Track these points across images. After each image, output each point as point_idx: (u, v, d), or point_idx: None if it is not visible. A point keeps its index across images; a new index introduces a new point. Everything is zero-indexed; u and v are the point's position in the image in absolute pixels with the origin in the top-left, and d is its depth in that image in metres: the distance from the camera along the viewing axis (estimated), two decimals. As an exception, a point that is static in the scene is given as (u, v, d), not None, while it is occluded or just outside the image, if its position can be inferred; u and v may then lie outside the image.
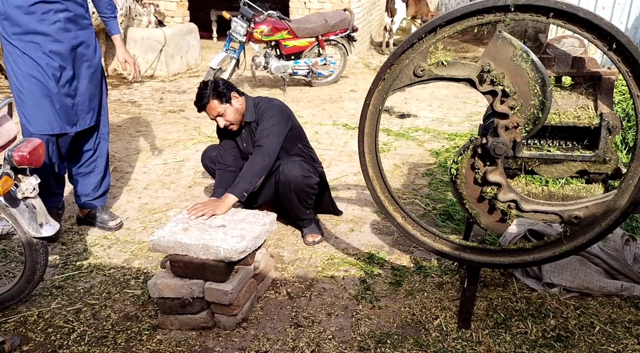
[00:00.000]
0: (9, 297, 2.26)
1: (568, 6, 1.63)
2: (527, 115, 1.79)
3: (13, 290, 2.25)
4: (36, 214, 2.12)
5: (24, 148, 2.01)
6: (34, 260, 2.18)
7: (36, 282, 2.25)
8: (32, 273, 2.20)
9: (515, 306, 2.29)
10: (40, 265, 2.20)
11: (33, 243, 2.15)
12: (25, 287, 2.24)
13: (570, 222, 1.92)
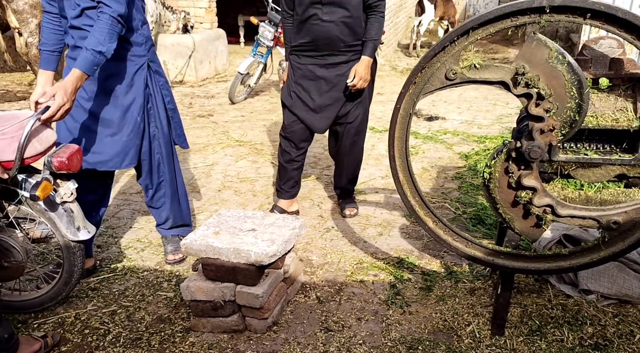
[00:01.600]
0: (48, 299, 2.32)
1: (606, 6, 1.59)
2: (563, 118, 1.75)
3: (51, 292, 2.31)
4: (74, 218, 2.17)
5: (62, 154, 2.06)
6: (71, 262, 2.24)
7: (73, 284, 2.30)
8: (70, 275, 2.26)
9: (550, 313, 2.24)
10: (77, 267, 2.26)
11: (70, 247, 2.21)
12: (63, 289, 2.30)
13: (608, 227, 1.87)
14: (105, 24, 2.12)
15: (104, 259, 2.82)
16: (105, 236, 3.08)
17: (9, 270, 2.16)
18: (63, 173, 2.09)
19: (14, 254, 2.15)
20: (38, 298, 2.32)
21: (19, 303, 2.33)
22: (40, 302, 2.33)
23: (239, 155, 4.45)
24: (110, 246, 2.96)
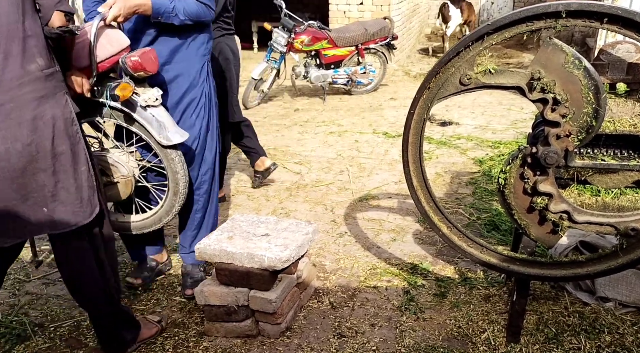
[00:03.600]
0: (164, 213, 2.32)
1: (623, 11, 1.57)
2: (579, 123, 1.73)
3: (165, 205, 2.30)
4: (164, 122, 2.13)
5: (135, 54, 2.03)
6: (173, 170, 2.21)
7: (182, 194, 2.27)
8: (176, 184, 2.23)
9: (567, 320, 2.21)
10: (180, 174, 2.22)
11: (168, 153, 2.18)
12: (174, 200, 2.28)
13: (626, 234, 1.84)
14: (203, 4, 2.19)
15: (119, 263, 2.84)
16: (120, 241, 3.11)
17: (121, 186, 2.18)
18: (142, 76, 2.07)
19: (120, 169, 2.18)
20: (155, 214, 2.35)
21: (139, 222, 2.38)
22: (158, 218, 2.35)
23: (252, 160, 4.47)
24: (124, 251, 2.99)
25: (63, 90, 1.75)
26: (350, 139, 5.05)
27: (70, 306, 2.48)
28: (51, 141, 1.68)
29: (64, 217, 1.75)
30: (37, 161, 1.66)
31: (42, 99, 1.66)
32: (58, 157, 1.70)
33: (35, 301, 2.54)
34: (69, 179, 1.74)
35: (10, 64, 1.59)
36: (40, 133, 1.65)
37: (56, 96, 1.71)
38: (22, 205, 1.70)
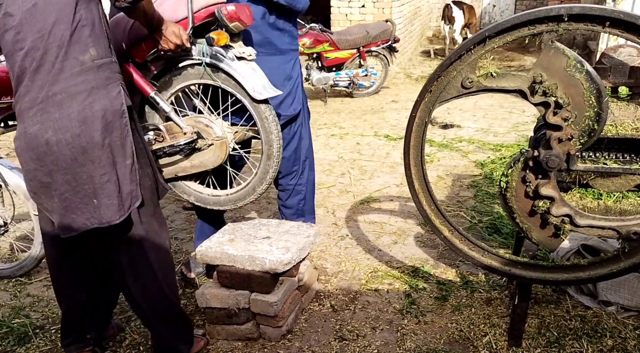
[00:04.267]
0: (257, 181, 2.25)
1: (625, 15, 1.57)
2: (581, 127, 1.73)
3: (259, 171, 2.23)
4: (257, 76, 2.08)
5: (231, 4, 2.01)
6: (267, 130, 2.12)
7: (276, 158, 2.17)
8: (269, 146, 2.14)
9: (569, 324, 2.20)
10: (274, 135, 2.13)
11: (261, 111, 2.09)
12: (268, 165, 2.18)
13: (628, 238, 1.83)
14: None
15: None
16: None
17: (215, 149, 2.15)
18: (238, 27, 2.03)
19: (215, 130, 2.15)
20: (248, 184, 2.26)
21: (233, 195, 2.30)
22: (252, 188, 2.26)
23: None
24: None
25: (116, 81, 1.74)
26: (351, 141, 5.06)
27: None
28: (100, 133, 1.67)
29: (108, 211, 1.73)
30: (86, 152, 1.66)
31: (93, 90, 1.66)
32: (106, 149, 1.70)
33: (36, 303, 2.54)
34: (113, 171, 1.73)
35: (62, 54, 1.60)
36: (89, 124, 1.65)
37: (108, 87, 1.70)
38: (73, 197, 1.70)
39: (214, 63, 2.05)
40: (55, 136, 1.63)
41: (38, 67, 1.60)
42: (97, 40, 1.67)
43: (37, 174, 1.69)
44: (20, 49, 1.59)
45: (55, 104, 1.62)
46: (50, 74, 1.60)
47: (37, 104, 1.62)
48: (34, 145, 1.64)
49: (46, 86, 1.61)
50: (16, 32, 1.57)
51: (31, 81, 1.61)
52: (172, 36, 1.93)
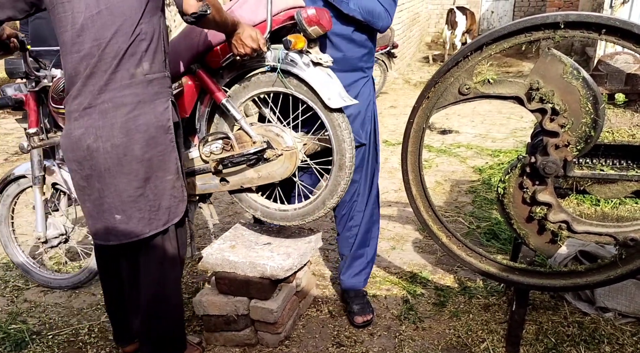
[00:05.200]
0: (328, 194, 2.07)
1: (622, 22, 1.58)
2: (578, 133, 1.73)
3: (330, 183, 2.07)
4: (333, 83, 1.97)
5: (311, 8, 1.94)
6: (339, 139, 1.98)
7: (349, 168, 2.02)
8: (342, 156, 2.00)
9: (566, 331, 2.20)
10: (347, 144, 1.98)
11: (334, 118, 1.96)
12: (339, 176, 2.03)
13: (625, 244, 1.84)
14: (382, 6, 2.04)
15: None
16: (120, 248, 3.11)
17: (285, 159, 2.05)
18: (316, 32, 1.94)
19: (286, 140, 2.04)
20: (318, 197, 2.10)
21: (302, 209, 2.15)
22: (322, 201, 2.09)
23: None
24: (124, 258, 2.99)
25: (166, 97, 1.74)
26: (350, 147, 5.06)
27: (68, 314, 2.47)
28: (140, 146, 1.67)
29: (138, 225, 1.73)
30: (121, 164, 1.66)
31: (139, 104, 1.67)
32: (144, 163, 1.69)
33: (33, 309, 2.54)
34: (151, 186, 1.72)
35: (115, 65, 1.62)
36: (130, 137, 1.66)
37: (155, 102, 1.71)
38: (99, 207, 1.71)
39: (288, 69, 1.95)
40: (95, 143, 1.64)
41: (91, 73, 1.62)
42: (153, 54, 1.68)
43: (75, 176, 1.72)
44: (76, 51, 1.61)
45: (101, 112, 1.64)
46: (100, 83, 1.62)
47: (84, 109, 1.64)
48: (76, 148, 1.67)
49: (95, 93, 1.63)
50: (76, 35, 1.60)
51: (83, 85, 1.63)
52: (248, 40, 1.85)
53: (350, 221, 2.35)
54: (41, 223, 2.51)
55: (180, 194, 1.80)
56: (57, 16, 1.61)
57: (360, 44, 2.13)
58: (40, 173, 2.46)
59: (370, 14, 2.04)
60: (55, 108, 2.39)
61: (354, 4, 2.02)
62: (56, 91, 2.35)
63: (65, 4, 1.58)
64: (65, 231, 2.59)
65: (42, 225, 2.51)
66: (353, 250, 2.39)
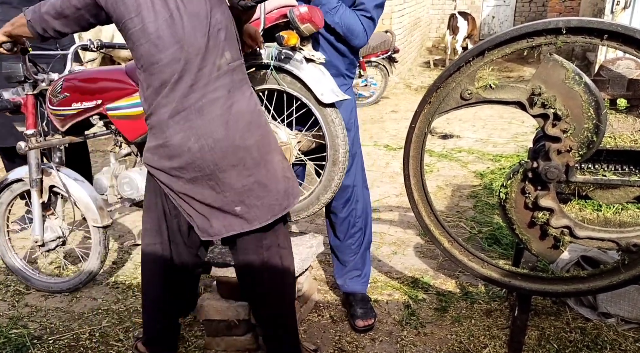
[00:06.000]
0: (322, 189, 2.13)
1: (623, 27, 1.58)
2: (580, 138, 1.73)
3: (324, 179, 2.11)
4: (325, 79, 2.01)
5: (303, 6, 1.96)
6: (332, 134, 2.04)
7: (342, 163, 2.07)
8: (335, 151, 2.05)
9: (569, 336, 2.19)
10: (340, 139, 2.04)
11: (327, 114, 2.02)
12: (333, 171, 2.09)
13: (628, 250, 1.83)
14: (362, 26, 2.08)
15: (118, 275, 2.84)
16: (121, 252, 3.11)
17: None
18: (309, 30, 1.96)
19: (280, 135, 2.07)
20: (312, 193, 2.15)
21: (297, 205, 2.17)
22: (316, 197, 2.14)
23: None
24: (125, 263, 2.99)
25: (248, 82, 1.74)
26: (351, 151, 5.06)
27: (69, 318, 2.47)
28: (240, 134, 1.66)
29: (260, 212, 1.71)
30: (227, 157, 1.65)
31: (230, 93, 1.66)
32: (250, 149, 1.68)
33: (34, 313, 2.53)
34: (262, 172, 1.71)
35: (200, 61, 1.60)
36: (230, 127, 1.64)
37: (242, 88, 1.70)
38: (215, 203, 1.69)
39: (281, 66, 1.99)
40: (197, 143, 1.62)
41: (180, 78, 1.59)
42: (231, 42, 1.67)
43: (178, 182, 1.69)
44: (157, 61, 1.59)
45: (196, 111, 1.62)
46: (188, 82, 1.60)
47: (178, 113, 1.62)
48: (176, 154, 1.64)
49: (185, 94, 1.60)
50: (154, 45, 1.58)
51: (171, 91, 1.60)
52: (248, 39, 1.88)
53: (353, 228, 2.36)
54: (39, 227, 2.51)
55: (291, 174, 1.79)
56: (129, 32, 1.60)
57: (342, 53, 2.17)
58: (38, 176, 2.46)
59: (350, 31, 2.08)
60: (52, 110, 2.42)
61: (338, 18, 2.06)
62: (54, 93, 2.38)
63: (134, 18, 1.57)
64: (62, 234, 2.59)
65: (40, 228, 2.52)
66: (359, 255, 2.40)
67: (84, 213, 2.50)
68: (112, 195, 2.58)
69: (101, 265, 2.61)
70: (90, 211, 2.48)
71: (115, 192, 2.57)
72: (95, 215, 2.48)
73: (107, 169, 2.58)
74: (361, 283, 2.43)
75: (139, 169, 2.47)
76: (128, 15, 1.57)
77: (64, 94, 2.36)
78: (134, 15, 1.57)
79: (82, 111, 2.39)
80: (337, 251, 2.43)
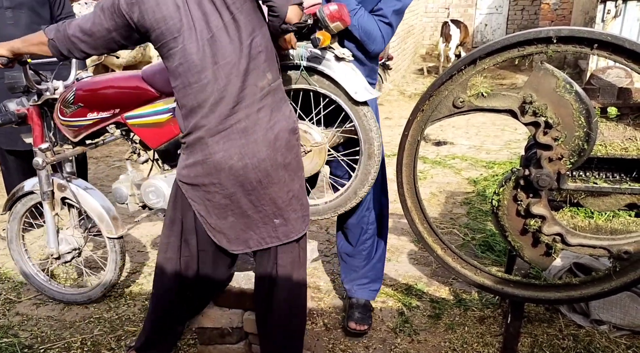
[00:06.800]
0: (359, 183, 2.12)
1: (613, 37, 1.60)
2: (571, 146, 1.75)
3: (360, 173, 2.11)
4: (358, 77, 2.01)
5: (333, 4, 1.93)
6: (366, 128, 2.04)
7: (377, 156, 2.08)
8: (370, 144, 2.06)
9: (561, 343, 2.20)
10: (374, 132, 2.04)
11: (359, 110, 2.02)
12: (369, 165, 2.09)
13: (619, 257, 1.84)
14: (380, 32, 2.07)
15: (111, 283, 2.82)
16: (113, 260, 3.09)
17: (314, 155, 2.08)
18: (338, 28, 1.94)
19: (314, 136, 2.07)
20: (349, 188, 2.14)
21: (333, 202, 2.18)
22: (353, 192, 2.13)
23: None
24: (117, 270, 2.96)
25: (287, 100, 1.78)
26: (345, 158, 5.07)
27: (60, 327, 2.45)
28: (282, 154, 1.71)
29: (296, 224, 1.79)
30: (270, 175, 1.69)
31: (272, 114, 1.69)
32: (287, 167, 1.74)
33: (25, 322, 2.51)
34: (296, 186, 1.78)
35: (241, 83, 1.61)
36: (273, 147, 1.69)
37: (282, 108, 1.73)
38: (254, 216, 1.74)
39: (313, 66, 1.99)
40: (240, 162, 1.65)
41: (220, 98, 1.60)
42: (271, 64, 1.70)
43: (215, 196, 1.71)
44: (197, 81, 1.60)
45: (239, 131, 1.64)
46: (231, 103, 1.61)
47: (219, 133, 1.63)
48: (215, 171, 1.67)
49: (226, 114, 1.62)
50: (194, 65, 1.58)
51: (211, 112, 1.62)
52: (282, 42, 1.90)
53: (364, 235, 2.35)
54: (53, 239, 2.47)
55: (305, 189, 1.88)
56: (169, 52, 1.60)
57: (361, 62, 2.14)
58: (49, 188, 2.42)
59: (367, 35, 2.06)
60: (64, 121, 2.34)
61: (356, 21, 2.04)
62: (66, 104, 2.30)
63: (177, 38, 1.57)
64: (78, 245, 2.55)
65: (55, 241, 2.47)
66: (371, 264, 2.40)
67: (98, 224, 2.46)
68: (133, 204, 2.50)
69: (120, 273, 2.57)
70: (104, 222, 2.43)
71: (137, 200, 2.49)
72: (109, 226, 2.43)
73: (125, 177, 2.49)
74: (369, 291, 2.42)
75: (164, 177, 2.38)
76: (170, 35, 1.57)
77: (77, 105, 2.28)
78: (177, 35, 1.57)
79: (98, 121, 2.32)
80: (348, 256, 2.41)
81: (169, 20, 1.56)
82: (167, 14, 1.56)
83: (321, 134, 2.10)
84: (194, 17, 1.57)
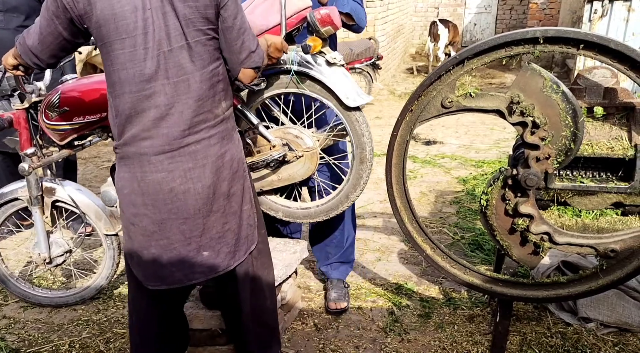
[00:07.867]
0: (351, 187, 2.13)
1: (599, 38, 1.62)
2: (558, 146, 1.76)
3: (352, 177, 2.12)
4: (349, 82, 2.01)
5: (323, 8, 1.94)
6: (358, 133, 2.04)
7: (369, 161, 2.08)
8: (362, 149, 2.06)
9: (550, 341, 2.21)
10: (366, 137, 2.04)
11: (351, 115, 2.03)
12: (361, 169, 2.09)
13: (606, 255, 1.86)
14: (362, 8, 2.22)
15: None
16: (102, 261, 3.06)
17: (306, 160, 2.08)
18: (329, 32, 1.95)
19: (306, 141, 2.06)
20: (341, 192, 2.15)
21: (325, 205, 2.19)
22: (345, 196, 2.14)
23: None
24: (106, 272, 2.94)
25: (235, 128, 1.76)
26: (335, 158, 5.07)
27: (48, 330, 2.42)
28: (227, 182, 1.66)
29: (225, 259, 1.71)
30: (211, 203, 1.63)
31: (224, 141, 1.66)
32: (230, 198, 1.69)
33: (12, 325, 2.48)
34: (235, 219, 1.71)
35: (197, 107, 1.57)
36: (220, 174, 1.64)
37: (233, 137, 1.71)
38: (180, 250, 1.64)
39: (303, 71, 1.98)
40: (183, 186, 1.58)
41: (166, 115, 1.54)
42: (227, 93, 1.68)
43: (144, 220, 1.61)
44: (139, 90, 1.51)
45: (188, 154, 1.58)
46: (182, 125, 1.56)
47: (164, 153, 1.56)
48: (153, 191, 1.58)
49: (176, 136, 1.56)
50: (139, 73, 1.50)
51: (155, 126, 1.54)
52: (275, 52, 1.86)
53: (329, 229, 2.54)
54: (44, 244, 2.43)
55: (253, 221, 1.79)
56: (114, 53, 1.50)
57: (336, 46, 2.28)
58: (39, 193, 2.37)
59: (358, 17, 2.21)
60: (50, 125, 2.28)
61: (349, 8, 2.14)
62: (51, 107, 2.24)
63: (125, 40, 1.47)
64: (69, 248, 2.52)
65: (46, 246, 2.43)
66: (343, 249, 2.60)
67: (95, 222, 2.44)
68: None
69: (116, 270, 2.56)
70: (102, 220, 2.43)
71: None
72: (107, 224, 2.43)
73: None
74: (341, 270, 2.63)
75: None
76: (117, 35, 1.47)
77: (62, 108, 2.21)
78: (126, 37, 1.47)
79: (84, 125, 2.27)
80: (320, 244, 2.61)
81: (119, 20, 1.46)
82: (119, 12, 1.45)
83: (313, 138, 2.09)
84: (155, 24, 1.48)
